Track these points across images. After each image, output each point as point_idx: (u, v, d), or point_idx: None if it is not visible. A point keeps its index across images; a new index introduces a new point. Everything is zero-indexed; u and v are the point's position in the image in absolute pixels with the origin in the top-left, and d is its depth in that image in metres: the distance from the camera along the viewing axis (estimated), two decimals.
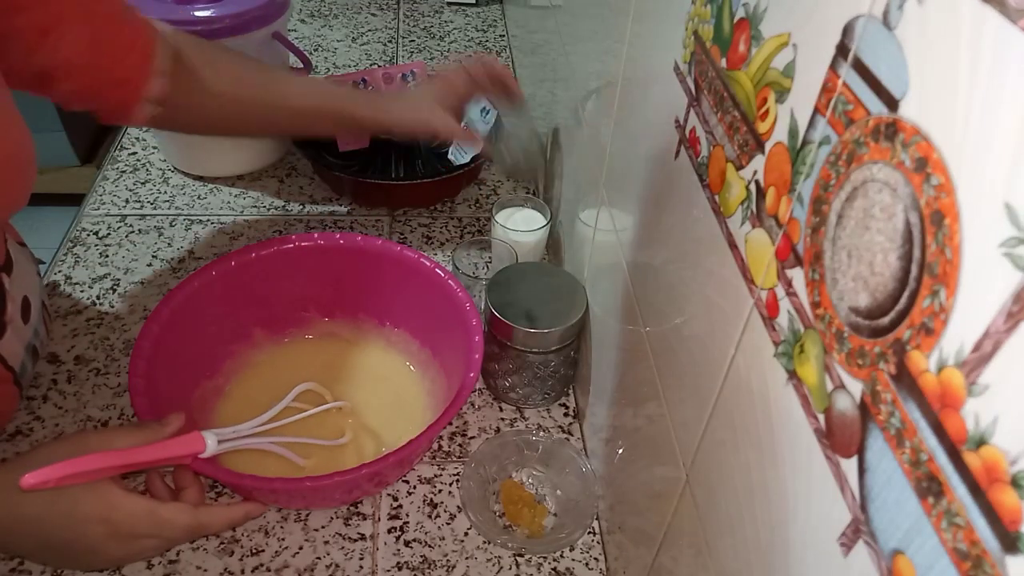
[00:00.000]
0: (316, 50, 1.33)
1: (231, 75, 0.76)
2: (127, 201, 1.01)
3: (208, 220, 0.99)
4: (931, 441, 0.25)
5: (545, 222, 0.87)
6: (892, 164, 0.27)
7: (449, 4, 1.49)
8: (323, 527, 0.68)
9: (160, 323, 0.68)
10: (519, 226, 0.86)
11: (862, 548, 0.29)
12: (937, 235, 0.25)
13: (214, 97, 0.75)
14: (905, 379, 0.26)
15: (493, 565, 0.67)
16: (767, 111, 0.36)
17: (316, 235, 0.79)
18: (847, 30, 0.30)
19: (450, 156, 1.08)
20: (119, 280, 0.90)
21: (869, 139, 0.28)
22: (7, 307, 0.68)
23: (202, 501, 0.61)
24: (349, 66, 1.30)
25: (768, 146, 0.36)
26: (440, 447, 0.75)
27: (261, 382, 0.77)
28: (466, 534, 0.69)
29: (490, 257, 0.89)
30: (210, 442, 0.60)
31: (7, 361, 0.69)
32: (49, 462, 0.51)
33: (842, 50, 0.30)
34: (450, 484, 0.72)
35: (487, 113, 1.03)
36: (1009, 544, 0.22)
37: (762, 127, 0.37)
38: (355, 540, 0.68)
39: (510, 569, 0.67)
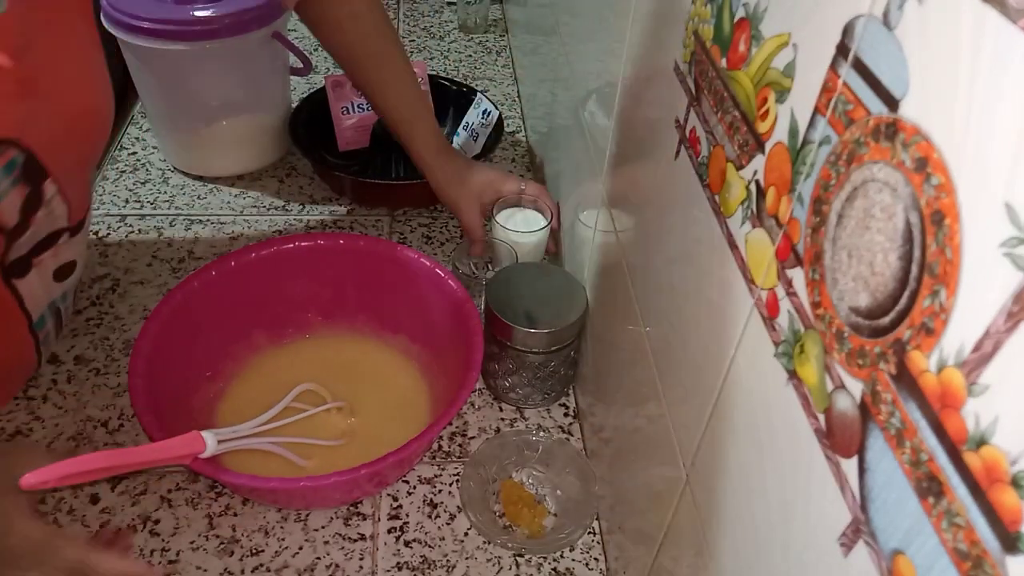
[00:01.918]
0: (316, 50, 1.33)
1: (359, 31, 0.84)
2: (127, 201, 1.01)
3: (208, 220, 0.99)
4: (931, 441, 0.25)
5: (546, 223, 0.87)
6: (892, 164, 0.27)
7: (449, 4, 1.49)
8: (323, 527, 0.68)
9: (160, 323, 0.68)
10: (519, 226, 0.86)
11: (862, 548, 0.29)
12: (937, 235, 0.25)
13: (332, 43, 0.86)
14: (905, 379, 0.26)
15: (493, 565, 0.67)
16: (767, 111, 0.36)
17: (316, 235, 0.79)
18: (847, 30, 0.30)
19: None
20: (119, 280, 0.90)
21: (869, 139, 0.28)
22: (44, 251, 0.67)
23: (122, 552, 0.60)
24: None
25: (768, 146, 0.36)
26: (440, 447, 0.75)
27: (261, 383, 0.77)
28: (466, 534, 0.69)
29: (490, 257, 0.89)
30: (210, 442, 0.60)
31: (25, 303, 0.67)
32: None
33: (842, 50, 0.30)
34: (450, 484, 0.72)
35: (488, 115, 1.03)
36: (1009, 544, 0.22)
37: (762, 127, 0.37)
38: (355, 540, 0.68)
39: (510, 569, 0.67)
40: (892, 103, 0.27)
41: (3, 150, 0.57)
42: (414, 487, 0.72)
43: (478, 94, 1.06)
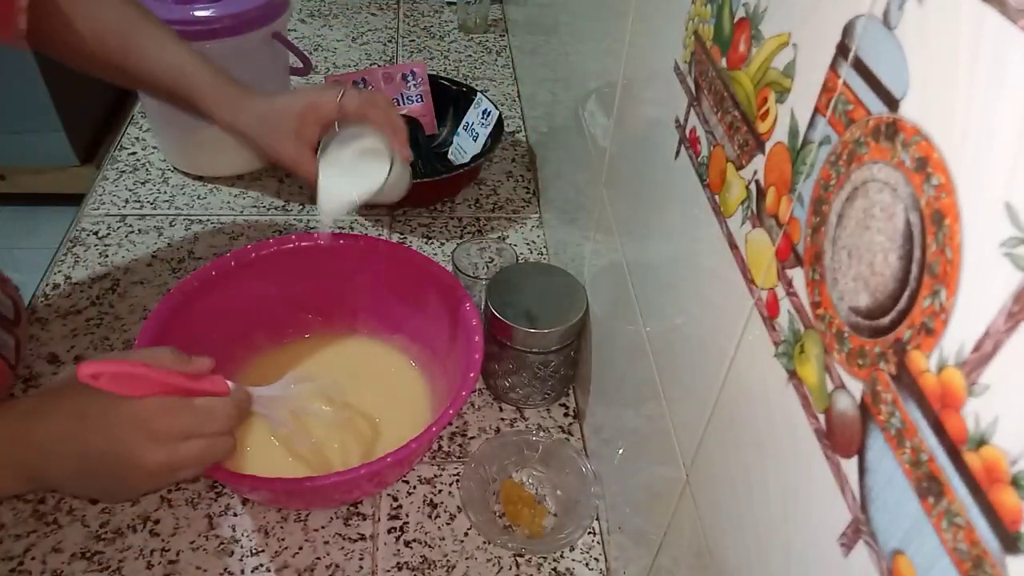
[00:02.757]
0: (316, 50, 1.33)
1: (95, 30, 0.70)
2: (127, 201, 1.01)
3: (208, 220, 0.99)
4: (931, 441, 0.25)
5: (384, 165, 0.71)
6: (892, 164, 0.27)
7: (449, 4, 1.49)
8: (323, 527, 0.68)
9: (160, 323, 0.68)
10: (350, 167, 0.72)
11: (862, 548, 0.29)
12: (937, 235, 0.25)
13: (72, 51, 0.70)
14: (905, 379, 0.26)
15: (493, 565, 0.67)
16: (767, 111, 0.36)
17: (316, 235, 0.78)
18: (847, 30, 0.30)
19: (450, 156, 1.08)
20: (119, 280, 0.90)
21: (869, 139, 0.28)
22: None
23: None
24: (349, 66, 1.30)
25: (768, 146, 0.36)
26: (440, 447, 0.75)
27: (261, 383, 0.77)
28: (466, 534, 0.69)
29: (490, 257, 0.89)
30: (232, 389, 0.58)
31: None
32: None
33: (842, 50, 0.30)
34: (450, 484, 0.72)
35: (488, 115, 1.03)
36: (1009, 544, 0.22)
37: (762, 127, 0.37)
38: (355, 540, 0.68)
39: (510, 569, 0.67)
40: (892, 103, 0.27)
41: None
42: (414, 487, 0.72)
43: (478, 94, 1.06)
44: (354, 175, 0.72)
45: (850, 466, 0.30)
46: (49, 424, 0.52)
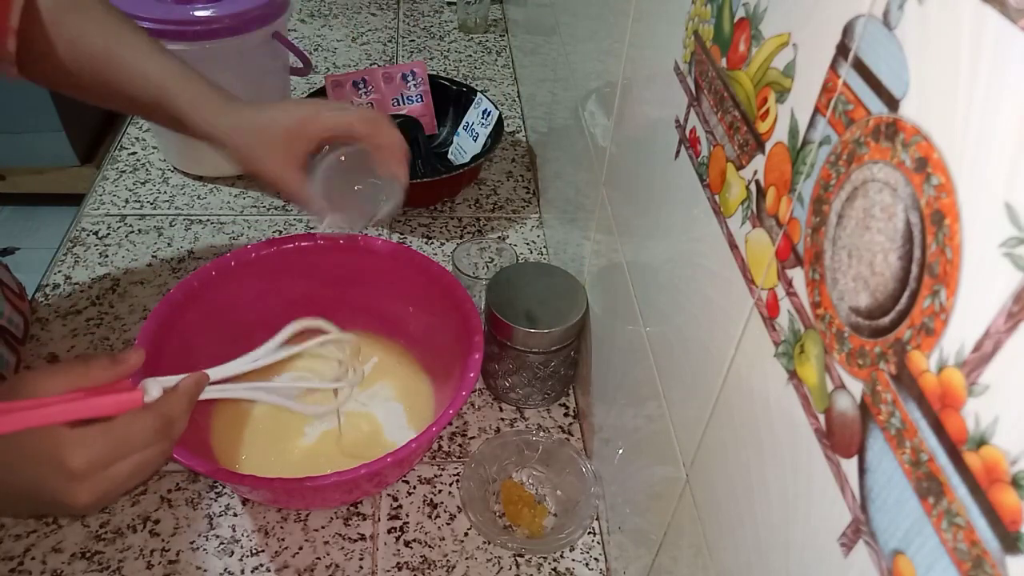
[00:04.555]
0: (316, 50, 1.33)
1: (80, 46, 0.65)
2: (127, 201, 1.01)
3: (208, 220, 0.99)
4: (931, 441, 0.25)
5: (388, 199, 0.68)
6: (892, 164, 0.27)
7: (449, 4, 1.49)
8: (323, 527, 0.68)
9: (160, 323, 0.68)
10: (348, 198, 0.67)
11: (862, 548, 0.29)
12: (937, 235, 0.25)
13: (58, 71, 0.66)
14: (905, 379, 0.26)
15: (493, 565, 0.67)
16: (767, 111, 0.36)
17: (316, 235, 0.78)
18: (847, 30, 0.30)
19: (450, 156, 1.08)
20: (119, 280, 0.90)
21: (869, 139, 0.28)
22: None
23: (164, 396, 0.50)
24: (349, 66, 1.30)
25: (768, 146, 0.36)
26: (440, 447, 0.75)
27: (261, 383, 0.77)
28: (466, 534, 0.69)
29: (490, 257, 0.89)
30: (152, 392, 0.49)
31: None
32: None
33: (842, 50, 0.30)
34: (450, 484, 0.72)
35: (488, 115, 1.03)
36: (1009, 544, 0.22)
37: (762, 127, 0.37)
38: (355, 540, 0.68)
39: (510, 569, 0.67)
40: (892, 103, 0.27)
41: None
42: (414, 487, 0.72)
43: (478, 94, 1.06)
44: (350, 203, 0.69)
45: (850, 466, 0.30)
46: None
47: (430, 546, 0.68)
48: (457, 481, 0.72)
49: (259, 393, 0.59)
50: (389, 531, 0.69)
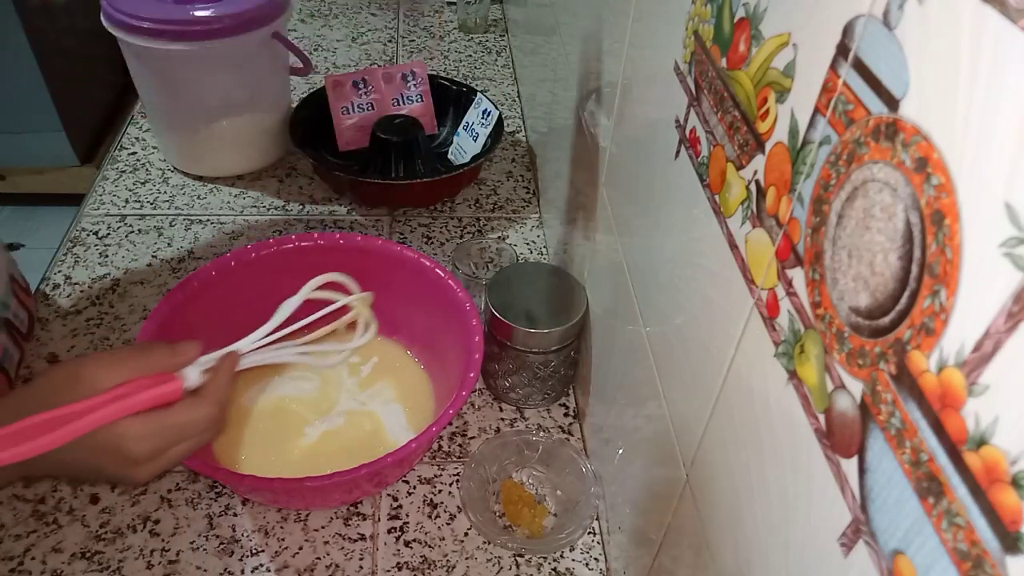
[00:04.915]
0: (316, 50, 1.33)
1: None
2: (127, 201, 1.01)
3: (208, 220, 0.99)
4: (931, 441, 0.25)
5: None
6: (892, 164, 0.27)
7: (449, 4, 1.49)
8: (323, 527, 0.68)
9: (160, 323, 0.68)
10: None
11: (862, 548, 0.29)
12: (937, 235, 0.25)
13: None
14: (905, 379, 0.26)
15: (493, 565, 0.67)
16: (767, 111, 0.36)
17: (316, 235, 0.78)
18: (847, 30, 0.30)
19: (450, 156, 1.08)
20: (119, 280, 0.90)
21: (869, 139, 0.28)
22: None
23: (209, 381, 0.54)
24: (349, 66, 1.30)
25: (768, 146, 0.36)
26: (440, 447, 0.75)
27: (260, 382, 0.77)
28: (466, 534, 0.69)
29: (490, 257, 0.89)
30: (191, 377, 0.52)
31: None
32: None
33: (842, 50, 0.30)
34: (450, 484, 0.72)
35: (488, 115, 1.03)
36: (1009, 544, 0.22)
37: (762, 127, 0.37)
38: (355, 540, 0.68)
39: (510, 569, 0.67)
40: (892, 103, 0.27)
41: None
42: (414, 487, 0.72)
43: (478, 94, 1.06)
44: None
45: (850, 466, 0.30)
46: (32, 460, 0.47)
47: (430, 546, 0.68)
48: (457, 481, 0.72)
49: (281, 355, 0.60)
50: (389, 531, 0.69)
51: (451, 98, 1.11)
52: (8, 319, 0.75)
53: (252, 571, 0.65)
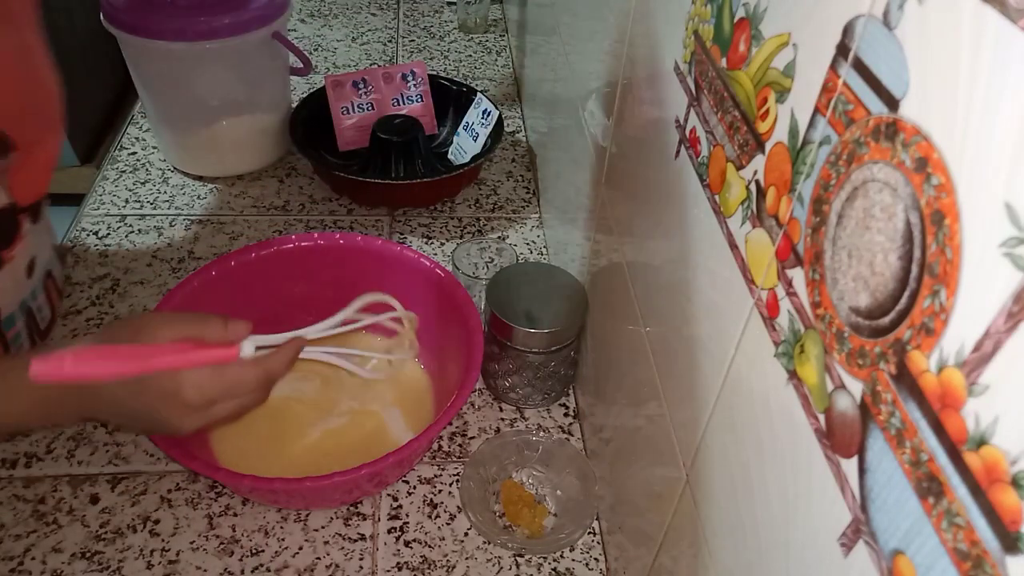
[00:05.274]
0: (316, 50, 1.33)
1: None
2: (127, 201, 1.01)
3: (208, 220, 0.99)
4: (931, 441, 0.25)
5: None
6: (892, 164, 0.27)
7: (449, 4, 1.49)
8: (323, 527, 0.68)
9: None
10: None
11: (862, 548, 0.29)
12: (937, 235, 0.25)
13: None
14: (905, 379, 0.26)
15: (493, 565, 0.67)
16: (767, 111, 0.36)
17: (316, 235, 0.78)
18: (847, 30, 0.30)
19: (450, 156, 1.08)
20: (119, 280, 0.90)
21: (869, 139, 0.28)
22: (14, 244, 0.68)
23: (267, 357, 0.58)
24: (349, 66, 1.30)
25: (768, 146, 0.36)
26: (440, 447, 0.75)
27: None
28: (466, 534, 0.69)
29: (490, 257, 0.89)
30: (247, 349, 0.58)
31: None
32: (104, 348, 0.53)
33: (842, 50, 0.30)
34: (450, 484, 0.72)
35: (488, 115, 1.03)
36: (1009, 544, 0.22)
37: (762, 127, 0.37)
38: (355, 540, 0.68)
39: (510, 569, 0.67)
40: (892, 103, 0.27)
41: None
42: (414, 487, 0.72)
43: (478, 94, 1.06)
44: None
45: (850, 466, 0.30)
46: (93, 395, 0.55)
47: (430, 546, 0.68)
48: (457, 481, 0.72)
49: (331, 356, 0.64)
50: (389, 531, 0.69)
51: (451, 98, 1.11)
52: (31, 309, 0.75)
53: (252, 571, 0.65)
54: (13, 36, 0.65)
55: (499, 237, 0.99)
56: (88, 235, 0.95)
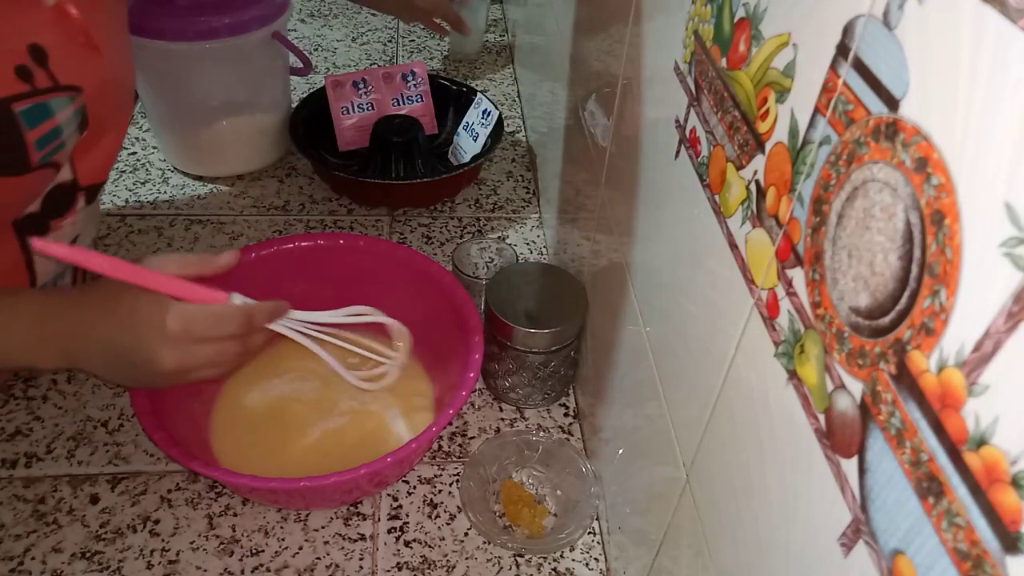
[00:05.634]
0: (316, 50, 1.33)
1: None
2: (127, 201, 1.01)
3: (208, 220, 0.99)
4: (931, 441, 0.25)
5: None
6: (892, 164, 0.27)
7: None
8: (323, 527, 0.68)
9: None
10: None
11: (862, 548, 0.29)
12: (937, 235, 0.25)
13: None
14: (905, 379, 0.26)
15: (493, 565, 0.67)
16: (767, 111, 0.36)
17: (316, 235, 0.79)
18: (847, 30, 0.30)
19: (450, 156, 1.08)
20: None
21: (869, 139, 0.28)
22: (66, 216, 0.69)
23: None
24: (349, 66, 1.30)
25: (768, 146, 0.36)
26: (440, 447, 0.75)
27: (259, 381, 0.77)
28: (466, 534, 0.69)
29: (490, 257, 0.89)
30: (235, 301, 0.60)
31: (35, 267, 0.69)
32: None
33: (842, 50, 0.30)
34: (450, 484, 0.72)
35: (488, 115, 1.03)
36: (1009, 544, 0.22)
37: (762, 127, 0.37)
38: (355, 540, 0.68)
39: (510, 569, 0.67)
40: (892, 103, 0.27)
41: (76, 96, 0.61)
42: (414, 487, 0.72)
43: (478, 94, 1.06)
44: None
45: (850, 466, 0.30)
46: (82, 310, 0.57)
47: (430, 546, 0.68)
48: (457, 481, 0.72)
49: (318, 347, 0.65)
50: (389, 531, 0.69)
51: (451, 98, 1.11)
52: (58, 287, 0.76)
53: (252, 571, 0.65)
54: (123, 5, 0.69)
55: (499, 237, 0.99)
56: None
